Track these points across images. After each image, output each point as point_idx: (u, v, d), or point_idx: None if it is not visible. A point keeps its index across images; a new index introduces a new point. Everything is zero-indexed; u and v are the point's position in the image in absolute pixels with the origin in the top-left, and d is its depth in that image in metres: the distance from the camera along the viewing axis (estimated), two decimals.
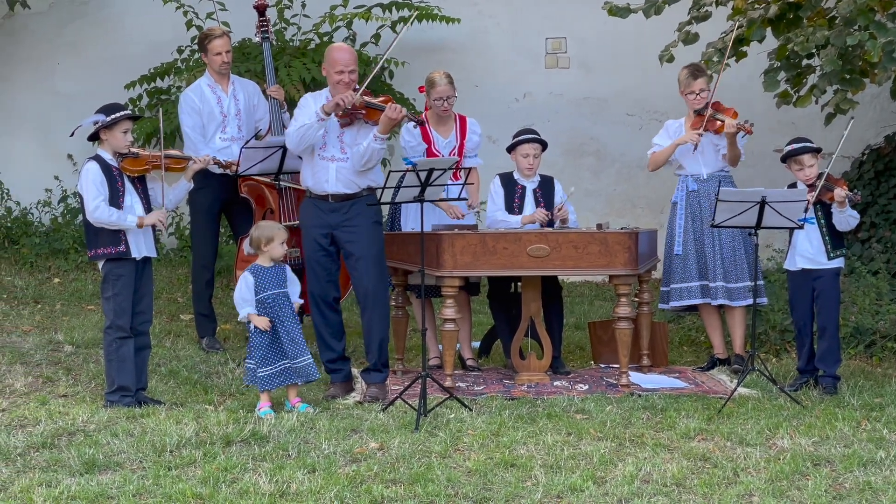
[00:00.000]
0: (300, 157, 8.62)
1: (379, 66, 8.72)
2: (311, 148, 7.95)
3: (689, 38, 9.88)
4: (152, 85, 11.86)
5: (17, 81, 12.40)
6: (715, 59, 9.35)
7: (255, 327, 7.58)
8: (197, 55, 11.18)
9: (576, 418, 7.37)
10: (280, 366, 7.58)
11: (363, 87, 7.88)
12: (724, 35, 9.76)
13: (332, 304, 8.04)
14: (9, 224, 12.12)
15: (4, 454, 6.62)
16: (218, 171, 8.73)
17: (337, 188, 7.96)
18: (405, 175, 7.55)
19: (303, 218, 8.15)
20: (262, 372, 7.57)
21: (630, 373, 8.29)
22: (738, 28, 9.52)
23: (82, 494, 6.01)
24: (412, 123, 8.47)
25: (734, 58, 9.64)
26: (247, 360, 7.68)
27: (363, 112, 7.87)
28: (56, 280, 11.21)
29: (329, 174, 7.96)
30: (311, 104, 7.96)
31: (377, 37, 11.69)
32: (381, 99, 7.96)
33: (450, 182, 8.01)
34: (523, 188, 8.79)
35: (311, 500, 5.98)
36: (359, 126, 7.93)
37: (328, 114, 7.81)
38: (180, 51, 11.72)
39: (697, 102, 8.79)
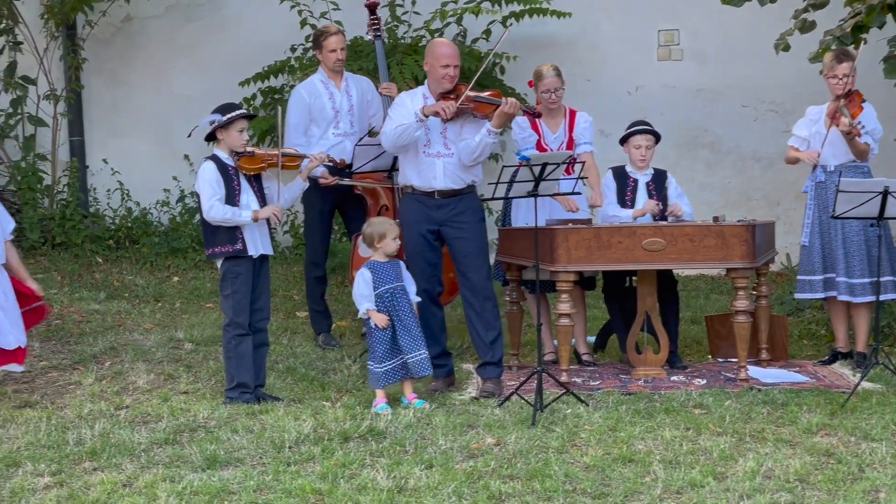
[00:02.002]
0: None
1: (487, 63, 8.68)
2: (415, 146, 7.96)
3: (806, 27, 9.70)
4: (266, 83, 11.99)
5: (135, 84, 12.62)
6: (834, 46, 9.17)
7: (374, 324, 7.61)
8: (310, 53, 11.28)
9: (694, 413, 7.29)
10: (396, 361, 7.61)
11: (465, 95, 7.85)
12: (842, 22, 9.58)
13: (435, 299, 8.05)
14: (129, 224, 12.34)
15: (129, 450, 6.74)
16: (320, 173, 8.78)
17: (445, 184, 7.98)
18: (518, 170, 7.53)
19: (405, 214, 8.15)
20: (378, 368, 7.60)
21: (749, 367, 8.18)
22: (856, 14, 9.33)
23: (204, 490, 6.09)
24: (522, 117, 8.45)
25: (852, 45, 9.45)
26: (370, 363, 7.69)
27: (471, 106, 7.87)
28: (175, 279, 11.38)
29: (436, 170, 7.97)
30: (408, 103, 7.98)
31: (487, 32, 11.68)
32: (488, 93, 7.95)
33: (563, 177, 7.97)
34: (636, 181, 8.73)
35: (429, 495, 5.98)
36: (463, 121, 7.94)
37: (427, 116, 7.83)
38: (293, 49, 11.82)
39: (838, 87, 8.62)
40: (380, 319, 7.60)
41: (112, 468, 6.49)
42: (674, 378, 8.26)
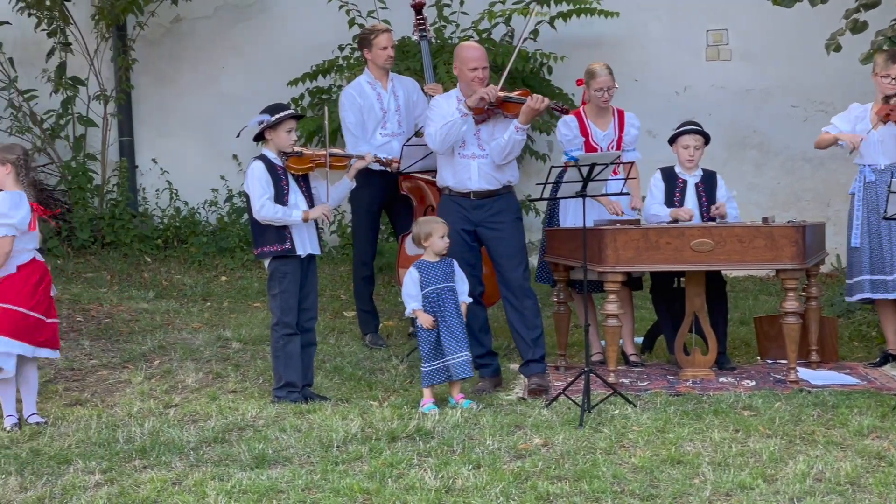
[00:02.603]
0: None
1: (513, 59, 8.58)
2: (451, 147, 7.97)
3: (858, 27, 9.62)
4: (314, 84, 12.03)
5: (184, 84, 12.70)
6: (885, 47, 9.09)
7: (420, 324, 7.62)
8: (358, 54, 11.30)
9: (743, 415, 7.25)
10: (440, 363, 7.61)
11: (501, 83, 7.87)
12: (893, 22, 9.49)
13: (477, 299, 8.04)
14: (177, 224, 12.41)
15: (178, 448, 6.78)
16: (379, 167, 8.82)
17: (480, 185, 7.99)
18: (565, 170, 7.52)
19: (442, 215, 8.14)
20: (425, 367, 7.61)
21: (798, 369, 8.12)
22: None
23: (253, 488, 6.11)
24: (569, 116, 8.43)
25: None
26: (422, 364, 7.71)
27: (500, 107, 7.87)
28: (223, 278, 11.44)
29: (471, 171, 7.98)
30: (444, 105, 8.01)
31: (535, 32, 11.66)
32: (517, 92, 7.99)
33: (610, 177, 7.95)
34: (684, 182, 8.68)
35: (477, 495, 5.98)
36: (494, 122, 7.96)
37: (471, 108, 7.83)
38: (341, 49, 11.86)
39: (889, 88, 8.55)
40: (425, 320, 7.61)
41: (161, 466, 6.53)
42: (722, 379, 8.21)
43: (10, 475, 6.43)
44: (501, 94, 7.90)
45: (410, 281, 7.68)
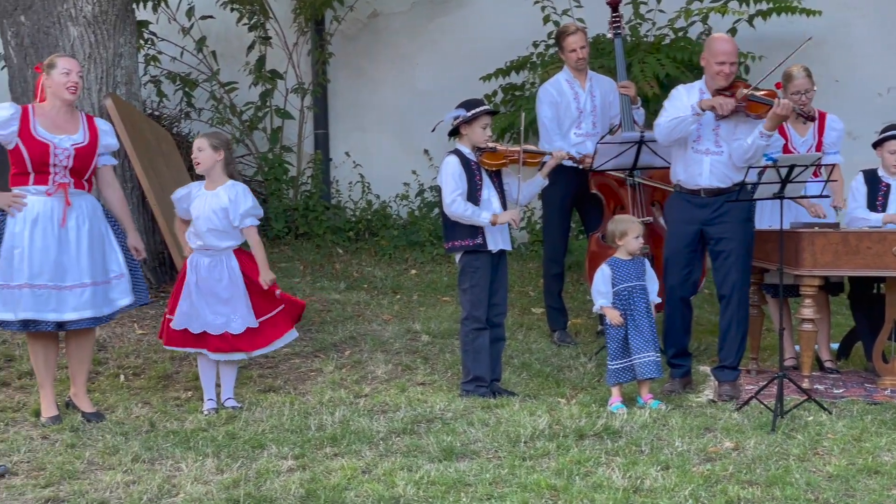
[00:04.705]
0: (656, 153, 8.58)
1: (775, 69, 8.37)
2: (684, 141, 7.86)
3: None
4: (507, 80, 12.05)
5: (379, 79, 12.85)
6: None
7: (609, 321, 7.58)
8: (552, 51, 11.29)
9: None
10: (626, 361, 7.55)
11: (749, 91, 7.70)
12: None
13: (686, 299, 7.96)
14: (369, 217, 12.57)
15: (368, 438, 6.87)
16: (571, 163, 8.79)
17: (710, 182, 7.85)
18: (764, 171, 7.38)
19: (669, 212, 8.08)
20: (611, 365, 7.57)
21: None
22: None
23: (441, 480, 6.16)
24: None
25: None
26: (609, 362, 7.67)
27: (744, 105, 7.72)
28: (413, 271, 11.54)
29: (703, 168, 7.86)
30: (684, 96, 7.88)
31: (733, 31, 11.46)
32: (764, 92, 7.76)
33: (810, 179, 7.77)
34: (888, 186, 8.43)
35: (666, 497, 5.92)
36: (737, 119, 7.79)
37: (704, 110, 7.72)
38: (535, 45, 11.85)
39: None
40: (613, 316, 7.56)
41: (352, 454, 6.63)
42: None
43: (207, 457, 6.61)
44: (747, 91, 7.73)
45: (602, 277, 7.64)
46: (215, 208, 7.57)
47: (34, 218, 7.29)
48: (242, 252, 7.71)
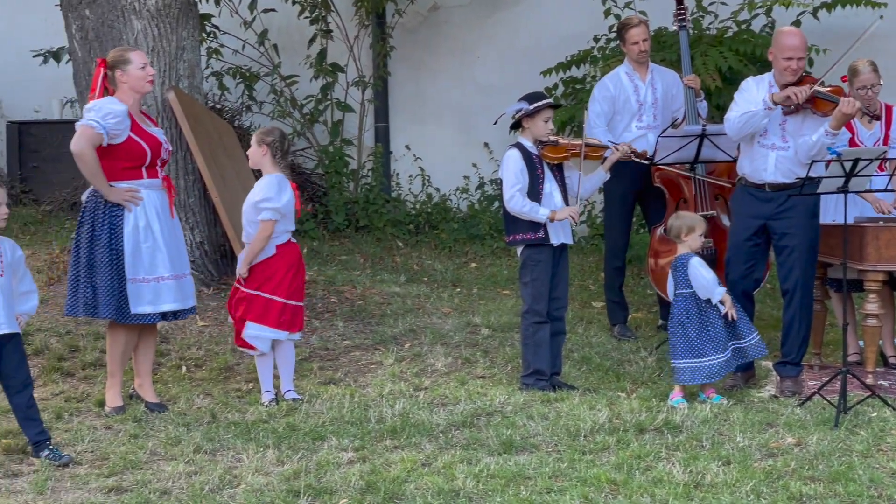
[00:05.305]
0: (718, 147, 8.52)
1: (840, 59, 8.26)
2: (751, 135, 7.80)
3: None
4: (567, 74, 12.01)
5: (440, 72, 12.86)
6: None
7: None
8: (613, 44, 11.24)
9: None
10: (696, 362, 7.50)
11: (820, 80, 7.63)
12: None
13: (748, 293, 7.90)
14: (429, 210, 12.59)
15: (428, 430, 6.89)
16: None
17: (775, 177, 7.78)
18: (828, 165, 7.31)
19: (734, 205, 8.03)
20: (680, 364, 7.52)
21: None
22: None
23: (501, 473, 6.16)
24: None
25: None
26: (674, 360, 7.62)
27: (810, 101, 7.63)
28: (473, 265, 11.54)
29: (768, 163, 7.79)
30: (753, 88, 7.81)
31: (797, 23, 11.36)
32: (829, 88, 7.66)
33: (875, 173, 7.68)
34: None
35: (727, 492, 5.89)
36: (804, 115, 7.70)
37: (776, 104, 7.64)
38: (596, 39, 11.81)
39: None
40: (727, 300, 7.48)
41: (411, 447, 6.64)
42: None
43: (268, 448, 6.65)
44: (816, 88, 7.62)
45: (701, 266, 7.52)
46: (250, 202, 7.59)
47: (156, 212, 7.38)
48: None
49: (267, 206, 7.47)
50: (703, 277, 7.50)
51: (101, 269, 7.31)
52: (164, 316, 7.48)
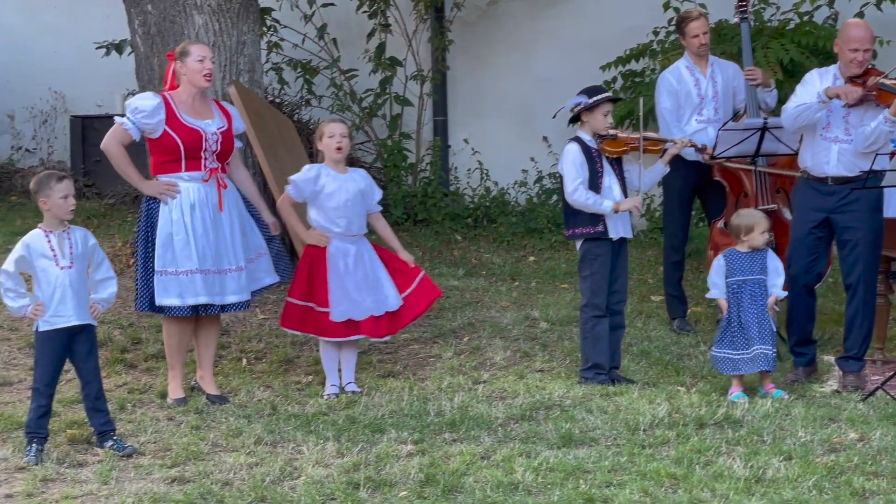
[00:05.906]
0: (780, 140, 8.46)
1: None
2: (813, 127, 7.73)
3: None
4: (626, 67, 11.96)
5: (498, 66, 12.83)
6: None
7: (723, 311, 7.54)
8: (673, 37, 11.18)
9: None
10: (733, 353, 7.47)
11: (875, 81, 7.55)
12: None
13: (810, 287, 7.85)
14: (487, 203, 12.58)
15: (487, 424, 6.90)
16: (692, 157, 8.72)
17: (838, 170, 7.72)
18: (892, 157, 7.24)
19: (796, 199, 7.98)
20: (719, 353, 7.53)
21: None
22: None
23: (560, 467, 6.17)
24: None
25: None
26: (713, 349, 7.62)
27: (874, 94, 7.56)
28: (531, 258, 11.53)
29: (830, 156, 7.73)
30: (816, 81, 7.76)
31: (860, 15, 11.24)
32: (894, 81, 7.61)
33: None
34: None
35: (788, 487, 5.86)
36: (867, 107, 7.63)
37: (830, 98, 7.59)
38: (655, 32, 11.75)
39: None
40: (723, 306, 7.53)
41: (470, 440, 6.66)
42: None
43: (328, 440, 6.69)
44: (881, 80, 7.56)
45: (716, 269, 7.60)
46: (354, 191, 7.69)
47: (191, 204, 7.43)
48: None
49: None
50: (711, 275, 7.59)
51: (139, 262, 7.44)
52: (216, 309, 7.49)
